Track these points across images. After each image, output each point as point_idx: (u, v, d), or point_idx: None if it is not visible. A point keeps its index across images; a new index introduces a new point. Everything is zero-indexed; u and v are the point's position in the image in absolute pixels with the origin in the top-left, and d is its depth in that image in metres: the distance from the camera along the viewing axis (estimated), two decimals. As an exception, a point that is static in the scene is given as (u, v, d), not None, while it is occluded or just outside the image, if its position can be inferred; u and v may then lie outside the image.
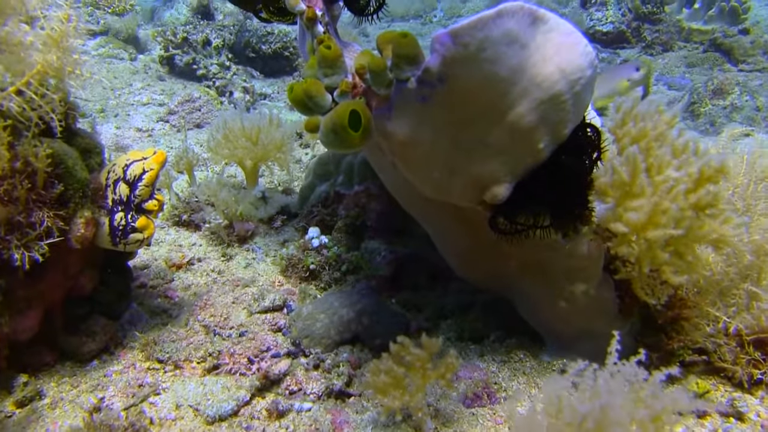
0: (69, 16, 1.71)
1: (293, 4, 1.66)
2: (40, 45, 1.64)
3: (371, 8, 1.76)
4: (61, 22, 1.68)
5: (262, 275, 2.48)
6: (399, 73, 1.42)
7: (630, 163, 1.49)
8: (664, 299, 1.63)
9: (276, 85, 5.40)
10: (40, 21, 1.68)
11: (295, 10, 1.66)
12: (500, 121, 1.44)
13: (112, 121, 4.28)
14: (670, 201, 1.44)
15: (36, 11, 1.70)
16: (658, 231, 1.46)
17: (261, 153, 2.93)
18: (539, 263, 1.77)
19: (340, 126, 1.41)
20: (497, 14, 1.31)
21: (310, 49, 1.70)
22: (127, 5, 6.99)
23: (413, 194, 1.84)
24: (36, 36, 1.65)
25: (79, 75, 1.75)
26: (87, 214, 1.79)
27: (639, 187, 1.49)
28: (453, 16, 8.69)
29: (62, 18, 1.68)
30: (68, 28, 1.70)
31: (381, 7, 1.76)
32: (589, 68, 1.43)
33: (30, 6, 1.69)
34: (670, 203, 1.44)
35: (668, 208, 1.44)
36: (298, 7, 1.66)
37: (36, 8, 1.70)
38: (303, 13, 1.66)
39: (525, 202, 1.59)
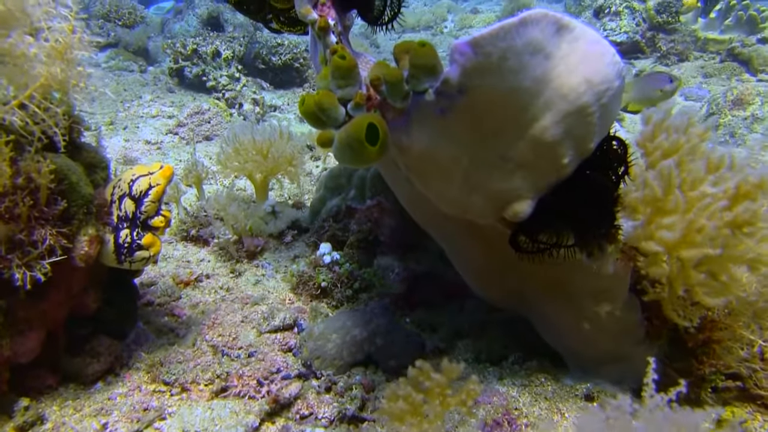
0: (74, 27, 1.65)
1: (304, 14, 1.60)
2: (44, 57, 1.58)
3: (386, 17, 1.69)
4: (65, 33, 1.62)
5: (272, 292, 2.41)
6: (416, 85, 1.35)
7: (664, 178, 1.41)
8: (696, 321, 1.55)
9: (286, 96, 5.35)
10: (44, 32, 1.62)
11: (306, 19, 1.60)
12: (523, 135, 1.36)
13: (121, 133, 4.24)
14: (707, 219, 1.36)
15: (40, 23, 1.64)
16: (694, 250, 1.38)
17: (271, 166, 2.87)
18: (562, 283, 1.69)
19: (357, 140, 1.34)
20: (521, 22, 1.24)
21: (322, 59, 1.63)
22: (137, 17, 6.99)
23: (429, 210, 1.77)
24: (40, 48, 1.59)
25: (83, 88, 1.69)
26: (91, 231, 1.72)
27: (673, 203, 1.41)
28: (464, 27, 8.63)
29: (67, 29, 1.63)
30: (73, 40, 1.65)
31: (396, 16, 1.70)
32: (617, 79, 1.36)
33: (34, 18, 1.64)
34: (707, 221, 1.36)
35: (704, 226, 1.36)
36: (310, 16, 1.59)
37: (40, 20, 1.64)
38: (315, 22, 1.59)
39: (548, 220, 1.51)
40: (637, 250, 1.57)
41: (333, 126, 1.45)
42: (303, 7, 1.60)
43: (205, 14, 7.14)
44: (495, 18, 8.84)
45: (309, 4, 1.60)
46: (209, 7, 7.29)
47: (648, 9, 6.84)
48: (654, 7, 6.86)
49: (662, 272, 1.47)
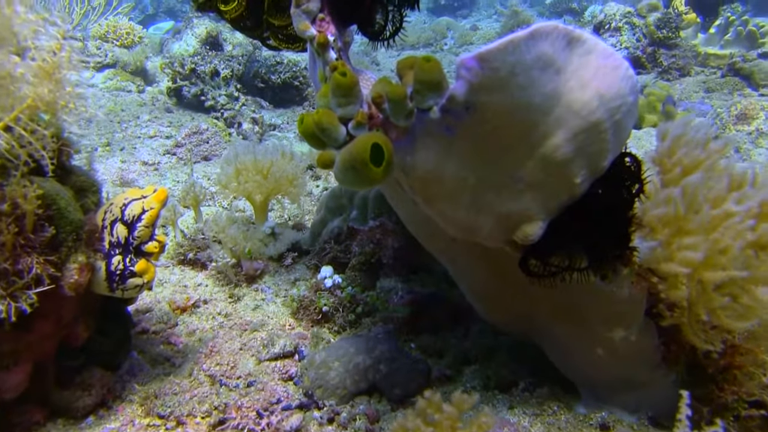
0: (62, 46, 1.59)
1: (303, 30, 1.53)
2: (31, 77, 1.52)
3: (387, 32, 1.63)
4: (53, 53, 1.56)
5: (271, 318, 2.33)
6: (421, 102, 1.28)
7: (688, 196, 1.34)
8: (720, 346, 1.47)
9: (285, 115, 5.29)
10: (31, 52, 1.56)
11: (305, 35, 1.54)
12: (533, 154, 1.29)
13: (118, 154, 4.18)
14: (732, 239, 1.28)
15: (27, 42, 1.58)
16: (718, 273, 1.30)
17: (272, 187, 2.80)
18: (574, 307, 1.61)
19: (361, 161, 1.27)
20: (530, 35, 1.17)
21: (321, 77, 1.57)
22: (135, 38, 6.95)
23: (435, 232, 1.70)
24: (26, 68, 1.52)
25: (73, 109, 1.62)
26: (81, 258, 1.65)
27: (697, 222, 1.33)
28: (464, 44, 8.61)
29: (55, 49, 1.56)
30: (61, 60, 1.58)
31: (398, 31, 1.63)
32: (631, 94, 1.29)
33: (21, 36, 1.57)
34: (732, 241, 1.28)
35: (730, 246, 1.28)
36: (308, 32, 1.53)
37: (27, 39, 1.58)
38: (313, 38, 1.53)
39: (559, 242, 1.44)
40: (652, 272, 1.49)
41: (334, 146, 1.38)
42: (301, 23, 1.54)
43: (203, 34, 7.10)
44: (495, 34, 8.82)
45: (307, 20, 1.54)
46: (208, 27, 7.26)
47: (648, 24, 6.81)
48: (654, 22, 6.82)
49: (683, 295, 1.39)
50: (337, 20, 1.56)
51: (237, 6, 2.00)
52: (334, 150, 1.39)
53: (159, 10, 12.06)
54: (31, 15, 1.58)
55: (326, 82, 1.55)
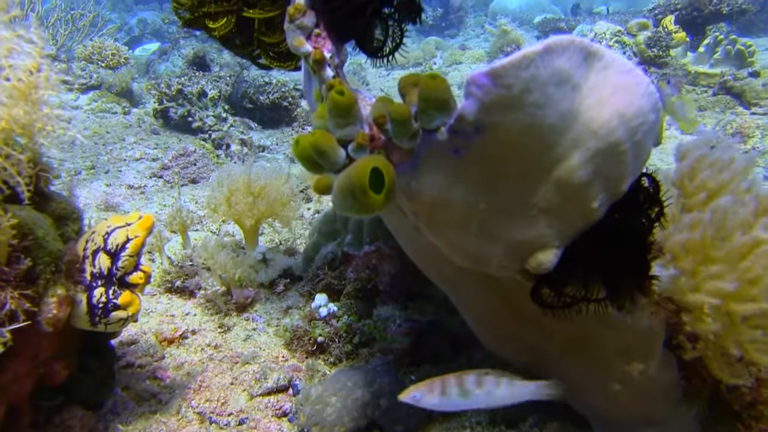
0: (39, 65, 1.49)
1: (297, 46, 1.44)
2: (5, 98, 1.41)
3: (387, 48, 1.54)
4: (30, 72, 1.46)
5: (263, 349, 2.22)
6: (427, 122, 1.19)
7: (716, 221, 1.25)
8: (750, 380, 1.37)
9: (274, 136, 5.20)
10: (5, 71, 1.45)
11: (299, 52, 1.44)
12: (547, 177, 1.20)
13: (103, 178, 4.06)
14: (763, 269, 1.19)
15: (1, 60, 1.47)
16: (747, 305, 1.21)
17: (264, 210, 2.69)
18: (588, 339, 1.51)
19: (359, 188, 1.17)
20: (545, 50, 1.09)
21: (317, 96, 1.47)
22: (121, 59, 6.86)
23: (438, 260, 1.60)
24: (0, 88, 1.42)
25: (51, 132, 1.52)
26: (60, 291, 1.54)
27: (725, 250, 1.24)
28: (453, 64, 8.56)
29: (31, 68, 1.46)
30: (38, 80, 1.48)
31: (398, 47, 1.55)
32: (652, 112, 1.20)
33: (-4, 55, 1.47)
34: (763, 271, 1.19)
35: (760, 277, 1.19)
36: (303, 48, 1.44)
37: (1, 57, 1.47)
38: (309, 55, 1.44)
39: (574, 270, 1.34)
40: (672, 302, 1.40)
41: (332, 170, 1.28)
42: (295, 39, 1.45)
43: (190, 54, 7.01)
44: (484, 54, 8.78)
45: (302, 36, 1.45)
46: (195, 48, 7.18)
47: (638, 43, 6.79)
48: (644, 41, 6.81)
49: (710, 328, 1.30)
50: (333, 36, 1.47)
51: (226, 23, 1.91)
52: (332, 174, 1.30)
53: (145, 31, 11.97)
54: (5, 32, 1.48)
55: (323, 101, 1.46)
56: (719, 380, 1.40)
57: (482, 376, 1.55)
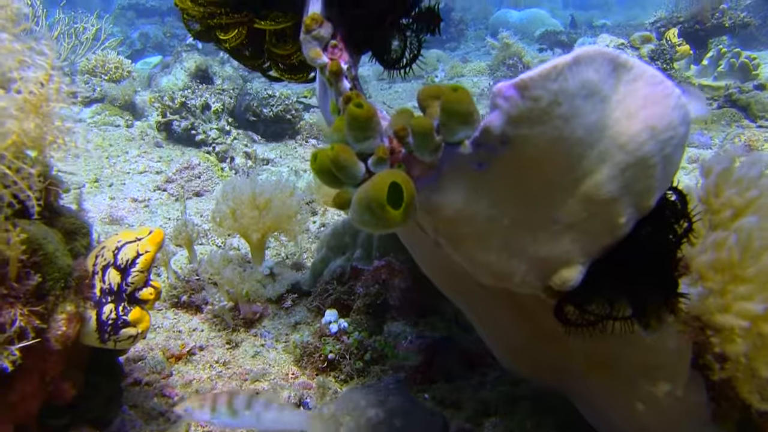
0: (50, 77, 1.46)
1: (313, 57, 1.41)
2: (16, 111, 1.38)
3: (405, 60, 1.51)
4: (40, 84, 1.43)
5: (273, 366, 2.18)
6: (450, 135, 1.16)
7: (743, 241, 1.21)
8: (781, 404, 1.33)
9: (278, 149, 5.17)
10: (17, 84, 1.42)
11: (315, 63, 1.41)
12: (574, 192, 1.17)
13: (106, 191, 4.03)
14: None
15: (12, 73, 1.44)
16: (782, 325, 1.17)
17: (270, 224, 2.66)
18: (611, 358, 1.48)
19: (377, 203, 1.13)
20: (574, 61, 1.06)
21: (333, 109, 1.44)
22: (124, 72, 6.85)
23: (457, 277, 1.56)
24: (10, 101, 1.39)
25: (62, 145, 1.49)
26: (70, 308, 1.50)
27: (754, 271, 1.21)
28: (455, 76, 8.55)
29: (42, 80, 1.43)
30: (49, 92, 1.45)
31: (416, 58, 1.52)
32: (682, 125, 1.17)
33: (5, 68, 1.44)
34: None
35: (794, 297, 1.16)
36: (320, 60, 1.41)
37: (12, 69, 1.44)
38: (325, 66, 1.41)
39: (599, 287, 1.31)
40: (700, 321, 1.36)
41: (351, 184, 1.25)
42: (312, 50, 1.42)
43: (192, 67, 7.01)
44: (486, 67, 8.78)
45: (318, 47, 1.42)
46: (197, 61, 7.17)
47: (642, 56, 6.78)
48: (648, 54, 6.80)
49: (741, 350, 1.26)
50: (350, 47, 1.44)
51: (237, 34, 1.88)
52: (351, 188, 1.26)
53: (147, 44, 11.99)
54: (16, 44, 1.45)
55: (339, 114, 1.43)
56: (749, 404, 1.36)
57: (253, 398, 1.53)
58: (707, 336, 1.36)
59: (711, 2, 9.30)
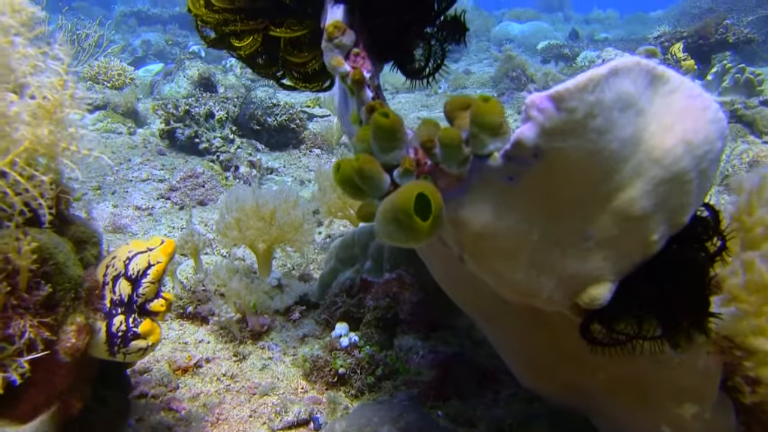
0: (65, 82, 1.42)
1: (335, 65, 1.37)
2: (29, 117, 1.35)
3: (429, 69, 1.48)
4: (55, 89, 1.39)
5: (282, 380, 2.13)
6: (480, 148, 1.12)
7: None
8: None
9: (282, 158, 5.13)
10: (30, 89, 1.39)
11: (337, 72, 1.38)
12: (606, 207, 1.13)
13: (109, 199, 3.98)
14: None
15: (26, 78, 1.41)
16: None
17: (276, 235, 2.62)
18: (636, 378, 1.43)
19: (404, 213, 1.09)
20: (611, 72, 1.03)
21: (355, 119, 1.40)
22: (126, 79, 6.82)
23: (477, 293, 1.52)
24: (24, 106, 1.35)
25: (75, 152, 1.45)
26: (80, 319, 1.46)
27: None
28: (458, 88, 8.54)
29: (57, 85, 1.39)
30: (64, 97, 1.41)
31: (440, 67, 1.48)
32: (720, 139, 1.14)
33: (19, 72, 1.41)
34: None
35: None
36: (342, 68, 1.37)
37: (26, 74, 1.41)
38: (347, 75, 1.37)
39: (627, 305, 1.27)
40: (730, 341, 1.33)
41: (376, 196, 1.21)
42: (333, 58, 1.38)
43: (195, 75, 6.99)
44: (489, 78, 8.77)
45: (340, 55, 1.38)
46: (200, 69, 7.16)
47: (646, 69, 6.76)
48: (652, 67, 6.78)
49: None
50: (373, 56, 1.41)
51: (252, 42, 1.85)
52: (375, 201, 1.23)
53: (149, 52, 11.97)
54: (30, 49, 1.42)
55: (360, 124, 1.40)
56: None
57: None
58: (739, 358, 1.32)
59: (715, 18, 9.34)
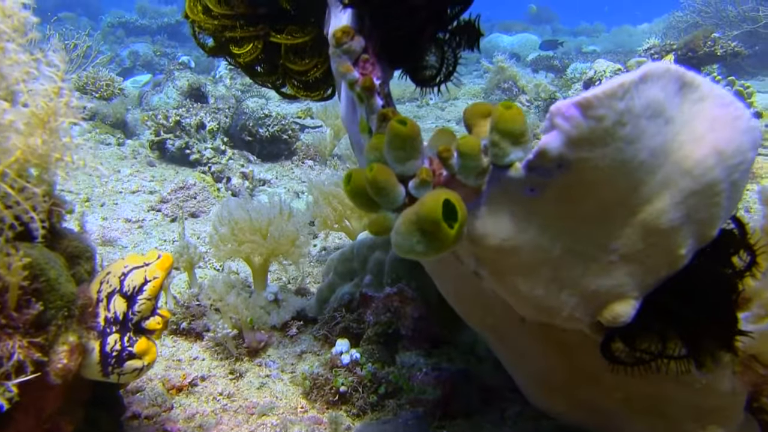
0: (60, 89, 1.35)
1: (344, 72, 1.31)
2: (22, 126, 1.28)
3: (441, 76, 1.42)
4: (49, 97, 1.32)
5: (280, 399, 2.06)
6: (500, 158, 1.07)
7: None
8: None
9: (274, 170, 5.06)
10: (23, 96, 1.32)
11: (346, 78, 1.32)
12: (632, 220, 1.08)
13: (99, 211, 3.90)
14: None
15: (19, 85, 1.34)
16: None
17: (272, 248, 2.55)
18: (656, 398, 1.38)
19: (431, 222, 1.03)
20: (642, 78, 0.97)
21: (364, 128, 1.34)
22: (115, 90, 6.74)
23: (489, 309, 1.46)
24: (17, 115, 1.28)
25: (69, 163, 1.38)
26: (72, 338, 1.38)
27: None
28: (449, 100, 8.50)
29: (51, 92, 1.33)
30: (58, 105, 1.34)
31: (452, 74, 1.43)
32: (752, 149, 1.09)
33: (12, 80, 1.34)
34: None
35: None
36: (351, 75, 1.31)
37: (19, 81, 1.34)
38: (356, 82, 1.31)
39: (650, 322, 1.21)
40: (758, 361, 1.27)
41: (390, 209, 1.15)
42: (342, 64, 1.32)
43: (185, 86, 6.92)
44: (480, 90, 8.74)
45: (349, 61, 1.32)
46: (190, 79, 7.08)
47: (638, 81, 6.75)
48: (644, 79, 6.78)
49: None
50: (383, 62, 1.35)
51: (252, 49, 1.79)
52: (389, 213, 1.16)
53: (137, 63, 11.88)
54: (23, 55, 1.35)
55: (369, 133, 1.34)
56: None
57: None
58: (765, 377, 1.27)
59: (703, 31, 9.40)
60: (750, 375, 1.29)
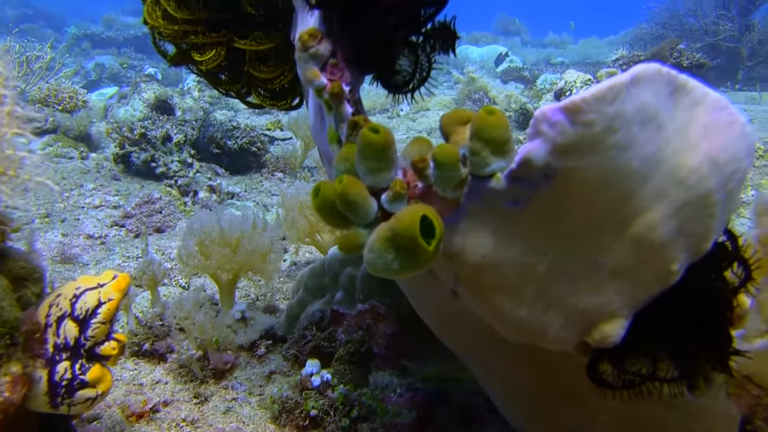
0: (2, 97, 1.25)
1: (311, 77, 1.22)
2: (-43, 136, 1.17)
3: (415, 82, 1.34)
4: (-11, 105, 1.22)
5: (248, 424, 1.95)
6: (480, 167, 0.99)
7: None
8: None
9: (243, 182, 4.95)
10: (-41, 104, 1.21)
11: (313, 85, 1.23)
12: (622, 234, 1.00)
13: (59, 227, 3.75)
14: None
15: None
16: None
17: (243, 262, 2.44)
18: (646, 422, 1.30)
19: (408, 238, 0.95)
20: (632, 81, 0.90)
21: (333, 137, 1.25)
22: (78, 102, 6.58)
23: (468, 330, 1.37)
24: (-49, 124, 1.17)
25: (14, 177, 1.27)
26: (15, 369, 1.27)
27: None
28: (420, 110, 8.44)
29: (-9, 100, 1.22)
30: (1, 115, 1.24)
31: (426, 79, 1.35)
32: (747, 157, 1.02)
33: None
34: None
35: None
36: (318, 81, 1.22)
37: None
38: (323, 88, 1.23)
39: (640, 342, 1.14)
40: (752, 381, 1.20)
41: (361, 224, 1.06)
42: (309, 70, 1.23)
43: (152, 98, 6.77)
44: (451, 101, 8.70)
45: (316, 66, 1.23)
46: (156, 91, 6.94)
47: (609, 92, 6.77)
48: (614, 89, 6.80)
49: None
50: (352, 67, 1.26)
51: (215, 55, 1.70)
52: (360, 230, 1.08)
53: (102, 75, 11.68)
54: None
55: (339, 143, 1.25)
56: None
57: None
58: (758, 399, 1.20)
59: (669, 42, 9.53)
60: (744, 396, 1.22)
